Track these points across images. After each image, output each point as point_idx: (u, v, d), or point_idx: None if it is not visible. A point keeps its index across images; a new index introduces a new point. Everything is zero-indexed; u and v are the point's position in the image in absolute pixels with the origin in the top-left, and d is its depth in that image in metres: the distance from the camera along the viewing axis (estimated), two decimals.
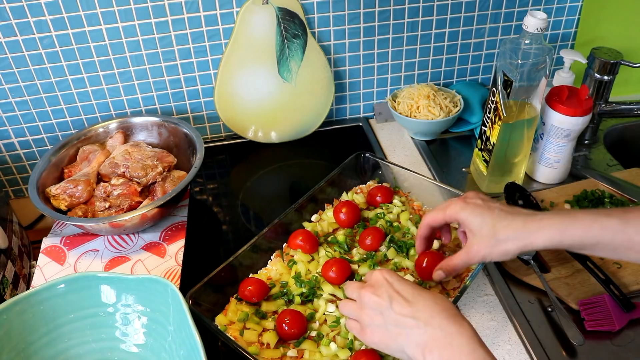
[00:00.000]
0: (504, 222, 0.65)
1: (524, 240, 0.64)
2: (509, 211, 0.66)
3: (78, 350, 0.72)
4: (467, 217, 0.68)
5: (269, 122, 1.14)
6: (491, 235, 0.65)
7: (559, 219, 0.63)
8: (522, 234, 0.64)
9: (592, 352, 0.73)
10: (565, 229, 0.62)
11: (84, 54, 1.02)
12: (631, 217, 0.60)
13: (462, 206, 0.68)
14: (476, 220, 0.67)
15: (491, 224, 0.65)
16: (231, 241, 0.96)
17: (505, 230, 0.65)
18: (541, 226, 0.63)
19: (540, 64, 0.85)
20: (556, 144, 0.96)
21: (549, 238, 0.62)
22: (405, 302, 0.59)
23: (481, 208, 0.67)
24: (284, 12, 1.04)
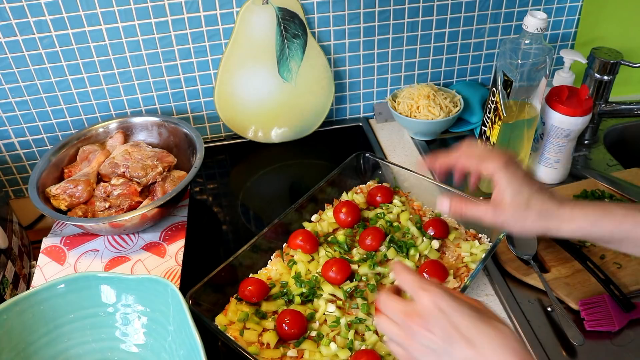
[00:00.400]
0: (540, 199, 0.63)
1: (552, 224, 0.62)
2: (546, 191, 0.64)
3: (78, 350, 0.72)
4: (506, 178, 0.64)
5: (269, 122, 1.14)
6: (523, 207, 0.63)
7: (592, 210, 0.61)
8: (554, 217, 0.62)
9: (592, 352, 0.73)
10: (597, 220, 0.61)
11: (84, 54, 1.02)
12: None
13: (505, 165, 0.64)
14: (514, 186, 0.63)
15: (527, 196, 0.63)
16: (231, 241, 0.96)
17: (537, 207, 0.62)
18: (574, 214, 0.61)
19: (540, 64, 0.85)
20: (556, 144, 0.96)
21: (579, 227, 0.61)
22: (467, 344, 0.48)
23: (522, 177, 0.64)
24: (284, 12, 1.04)
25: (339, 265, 0.79)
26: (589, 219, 0.61)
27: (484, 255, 0.80)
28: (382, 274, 0.81)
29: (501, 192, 0.64)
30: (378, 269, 0.81)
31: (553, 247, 0.86)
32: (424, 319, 0.50)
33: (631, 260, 0.83)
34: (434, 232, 0.85)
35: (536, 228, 0.63)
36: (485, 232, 0.87)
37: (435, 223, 0.86)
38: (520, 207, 0.63)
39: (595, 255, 0.84)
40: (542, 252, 0.85)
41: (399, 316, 0.52)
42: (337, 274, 0.78)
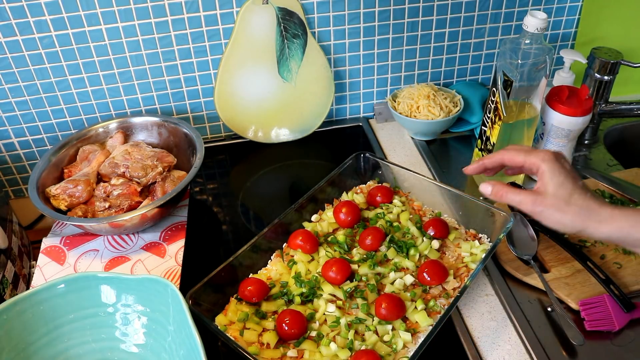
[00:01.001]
0: (582, 196, 0.63)
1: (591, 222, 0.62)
2: (590, 191, 0.64)
3: (78, 350, 0.72)
4: (550, 169, 0.64)
5: (269, 122, 1.14)
6: (564, 201, 0.63)
7: (631, 213, 0.61)
8: (593, 216, 0.62)
9: (592, 352, 0.73)
10: (636, 224, 0.61)
11: (83, 54, 1.02)
12: None
13: (550, 157, 0.65)
14: (559, 178, 0.64)
15: (570, 190, 0.63)
16: (231, 241, 0.96)
17: (579, 204, 0.63)
18: (614, 215, 0.61)
19: (540, 64, 0.85)
20: (556, 144, 0.96)
21: (618, 228, 0.61)
22: None
23: (567, 171, 0.65)
24: (284, 12, 1.04)
25: (339, 265, 0.79)
26: (630, 221, 0.61)
27: (484, 255, 0.80)
28: (382, 274, 0.80)
29: (545, 183, 0.65)
30: (378, 269, 0.81)
31: (553, 247, 0.86)
32: None
33: (631, 260, 0.83)
34: (434, 232, 0.85)
35: (574, 224, 0.63)
36: (485, 232, 0.87)
37: (435, 223, 0.86)
38: (562, 200, 0.63)
39: (595, 255, 0.84)
40: (542, 252, 0.85)
41: None
42: (337, 274, 0.78)
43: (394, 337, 0.72)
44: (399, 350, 0.71)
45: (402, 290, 0.78)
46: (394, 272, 0.80)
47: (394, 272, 0.80)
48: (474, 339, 0.77)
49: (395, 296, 0.75)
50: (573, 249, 0.84)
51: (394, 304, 0.74)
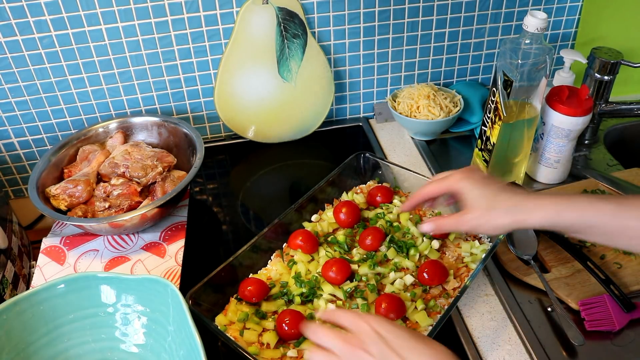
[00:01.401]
0: (504, 196, 0.65)
1: (520, 216, 0.64)
2: (509, 188, 0.67)
3: (78, 350, 0.72)
4: (466, 187, 0.67)
5: (269, 122, 1.14)
6: (489, 207, 0.65)
7: (557, 200, 0.63)
8: (519, 210, 0.64)
9: (592, 352, 0.73)
10: (562, 210, 0.62)
11: (83, 54, 1.02)
12: (626, 203, 0.61)
13: (463, 177, 0.68)
14: (475, 191, 0.67)
15: (491, 196, 0.66)
16: (231, 241, 0.96)
17: (503, 203, 0.65)
18: (538, 204, 0.63)
19: (540, 64, 0.85)
20: (556, 144, 0.96)
21: (545, 217, 0.63)
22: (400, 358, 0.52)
23: (481, 182, 0.67)
24: (284, 12, 1.04)
25: (339, 265, 0.79)
26: (555, 209, 0.63)
27: (484, 255, 0.80)
28: (382, 274, 0.80)
29: (465, 200, 0.68)
30: (378, 269, 0.81)
31: (553, 247, 0.86)
32: (361, 341, 0.54)
33: (631, 260, 0.83)
34: None
35: (506, 223, 0.65)
36: None
37: None
38: (486, 208, 0.66)
39: (595, 255, 0.84)
40: (542, 252, 0.85)
41: (337, 342, 0.55)
42: (337, 274, 0.78)
43: None
44: None
45: (402, 290, 0.78)
46: (394, 272, 0.80)
47: (394, 272, 0.80)
48: (474, 339, 0.77)
49: (395, 296, 0.75)
50: (573, 249, 0.84)
51: (394, 304, 0.74)
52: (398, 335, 0.54)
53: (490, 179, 0.68)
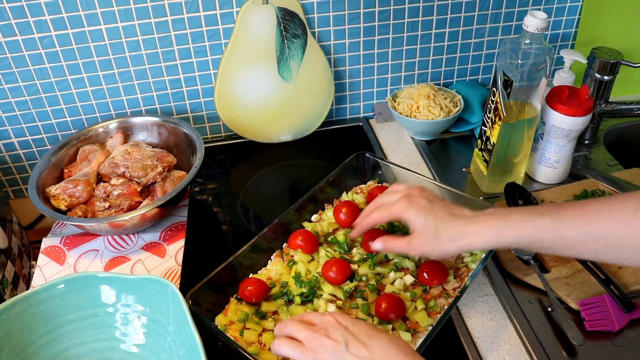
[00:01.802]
0: (446, 225, 0.68)
1: (464, 242, 0.67)
2: (452, 213, 0.69)
3: (78, 350, 0.72)
4: (411, 216, 0.70)
5: (269, 122, 1.14)
6: (433, 236, 0.68)
7: (496, 221, 0.65)
8: (462, 237, 0.67)
9: (592, 352, 0.73)
10: (502, 231, 0.65)
11: (83, 54, 1.02)
12: (562, 215, 0.62)
13: (407, 206, 0.70)
14: (420, 220, 0.69)
15: (434, 225, 0.68)
16: (231, 241, 0.96)
17: (447, 232, 0.67)
18: (479, 229, 0.66)
19: (540, 64, 0.85)
20: (556, 144, 0.96)
21: (488, 240, 0.65)
22: (362, 344, 0.58)
23: (425, 209, 0.69)
24: (284, 12, 1.04)
25: (339, 265, 0.79)
26: (494, 231, 0.65)
27: (484, 255, 0.80)
28: (382, 274, 0.80)
29: (412, 228, 0.70)
30: (378, 269, 0.81)
31: None
32: (325, 329, 0.59)
33: None
34: None
35: (453, 250, 0.68)
36: None
37: None
38: (431, 237, 0.68)
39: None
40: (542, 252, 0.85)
41: (303, 333, 0.60)
42: (337, 275, 0.78)
43: None
44: None
45: (402, 290, 0.78)
46: (394, 272, 0.80)
47: (394, 272, 0.80)
48: (474, 339, 0.77)
49: (395, 296, 0.75)
50: None
51: (394, 304, 0.74)
52: (358, 324, 0.60)
53: (434, 203, 0.70)
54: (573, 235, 0.61)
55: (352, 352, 0.57)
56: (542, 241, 0.63)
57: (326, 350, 0.58)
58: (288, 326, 0.62)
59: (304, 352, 0.59)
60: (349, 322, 0.60)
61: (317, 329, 0.60)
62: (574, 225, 0.61)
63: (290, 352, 0.60)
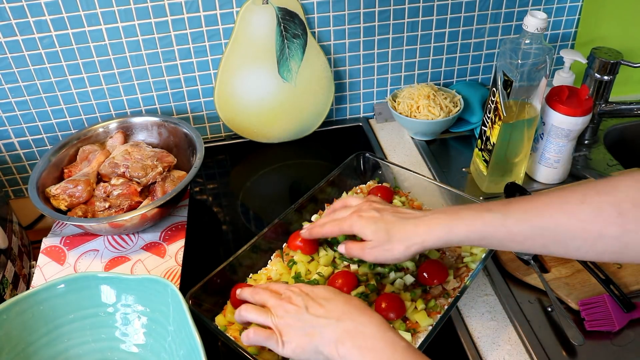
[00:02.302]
0: (397, 227, 0.68)
1: (416, 241, 0.67)
2: (401, 216, 0.69)
3: (78, 350, 0.72)
4: (361, 228, 0.70)
5: (269, 122, 1.14)
6: (385, 240, 0.68)
7: (446, 219, 0.66)
8: (414, 237, 0.67)
9: (592, 352, 0.73)
10: (452, 228, 0.65)
11: (83, 54, 1.02)
12: (511, 210, 0.62)
13: (356, 219, 0.71)
14: (370, 229, 0.69)
15: (385, 229, 0.68)
16: (231, 241, 0.96)
17: (398, 235, 0.68)
18: (430, 228, 0.66)
19: (540, 64, 0.85)
20: (556, 144, 0.96)
21: (438, 238, 0.66)
22: (319, 305, 0.63)
23: (374, 218, 0.70)
24: (284, 12, 1.04)
25: (345, 278, 0.78)
26: (444, 228, 0.65)
27: (484, 255, 0.80)
28: (382, 274, 0.80)
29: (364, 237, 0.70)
30: (378, 269, 0.81)
31: None
32: (289, 297, 0.65)
33: None
34: None
35: (404, 252, 0.67)
36: None
37: None
38: (383, 242, 0.68)
39: None
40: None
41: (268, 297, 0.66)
42: (344, 287, 0.77)
43: None
44: None
45: (402, 290, 0.78)
46: (394, 272, 0.80)
47: (394, 272, 0.80)
48: (474, 339, 0.77)
49: (395, 296, 0.75)
50: None
51: (394, 304, 0.73)
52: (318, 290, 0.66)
53: (382, 211, 0.71)
54: (521, 229, 0.61)
55: (310, 312, 0.62)
56: (491, 237, 0.63)
57: (289, 314, 0.63)
58: (259, 294, 0.68)
59: (269, 317, 0.64)
60: (310, 289, 0.66)
61: (282, 297, 0.66)
62: (522, 220, 0.61)
63: (257, 318, 0.66)
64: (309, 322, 0.61)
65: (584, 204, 0.57)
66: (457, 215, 0.65)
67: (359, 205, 0.74)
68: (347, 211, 0.74)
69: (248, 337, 0.65)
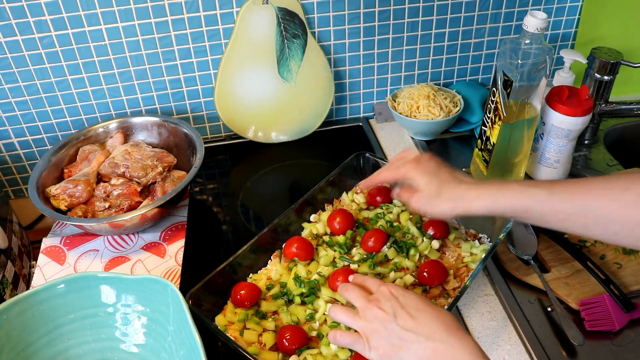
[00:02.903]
0: (449, 186, 0.72)
1: (461, 205, 0.70)
2: (455, 178, 0.73)
3: (78, 350, 0.72)
4: (417, 175, 0.74)
5: (269, 122, 1.14)
6: (435, 195, 0.72)
7: (494, 189, 0.69)
8: (461, 200, 0.70)
9: (592, 352, 0.73)
10: (498, 198, 0.67)
11: (83, 54, 1.02)
12: (556, 188, 0.65)
13: (414, 166, 0.75)
14: (424, 179, 0.73)
15: (437, 184, 0.72)
16: (231, 241, 0.96)
17: (447, 193, 0.71)
18: (478, 194, 0.69)
19: (540, 64, 0.85)
20: (556, 144, 0.96)
21: (484, 205, 0.68)
22: (409, 316, 0.61)
23: (430, 171, 0.74)
24: (284, 12, 1.04)
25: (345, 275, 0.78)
26: (492, 197, 0.68)
27: (484, 255, 0.80)
28: (382, 274, 0.80)
29: (417, 185, 0.74)
30: (378, 269, 0.81)
31: (553, 247, 0.86)
32: (378, 300, 0.64)
33: (631, 260, 0.83)
34: (434, 231, 0.85)
35: (448, 211, 0.71)
36: (485, 232, 0.87)
37: (435, 223, 0.86)
38: (432, 195, 0.72)
39: (595, 255, 0.84)
40: (542, 252, 0.85)
41: (359, 301, 0.65)
42: None
43: None
44: None
45: None
46: (394, 272, 0.80)
47: (394, 272, 0.80)
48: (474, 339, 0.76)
49: None
50: (573, 249, 0.84)
51: None
52: (409, 297, 0.63)
53: (440, 169, 0.74)
54: (565, 207, 0.63)
55: (399, 322, 0.61)
56: (534, 211, 0.65)
57: (377, 319, 0.62)
58: (348, 290, 0.68)
59: (357, 320, 0.64)
60: (401, 294, 0.64)
61: (371, 298, 0.65)
62: (566, 199, 0.63)
63: (345, 319, 0.65)
64: (396, 333, 0.60)
65: (628, 190, 0.60)
66: (504, 187, 0.68)
67: (418, 156, 0.77)
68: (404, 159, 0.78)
69: (335, 338, 0.66)
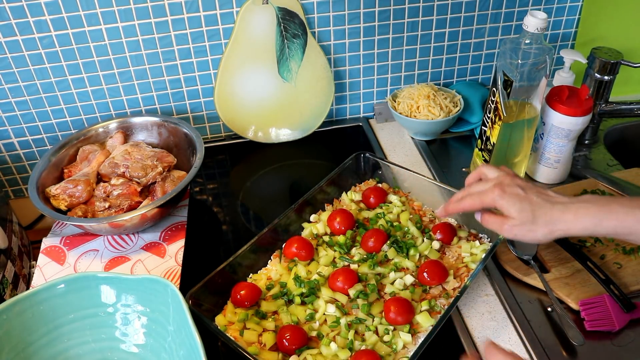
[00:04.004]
0: (543, 210, 0.68)
1: (560, 227, 0.67)
2: (546, 198, 0.69)
3: (78, 350, 0.72)
4: (504, 205, 0.69)
5: (269, 122, 1.14)
6: (529, 221, 0.68)
7: (595, 210, 0.66)
8: (559, 223, 0.67)
9: (592, 352, 0.73)
10: (601, 220, 0.65)
11: (83, 54, 1.02)
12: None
13: (500, 195, 0.70)
14: (515, 207, 0.69)
15: (530, 210, 0.68)
16: (231, 241, 0.96)
17: (543, 217, 0.68)
18: (578, 216, 0.66)
19: (540, 64, 0.85)
20: (556, 144, 0.96)
21: (584, 228, 0.66)
22: None
23: (519, 196, 0.69)
24: (284, 12, 1.04)
25: (345, 275, 0.78)
26: (593, 220, 0.65)
27: (484, 255, 0.80)
28: (382, 274, 0.80)
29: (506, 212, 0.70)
30: (378, 269, 0.81)
31: (553, 247, 0.86)
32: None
33: (631, 260, 0.83)
34: (441, 235, 0.85)
35: (545, 236, 0.68)
36: (485, 233, 0.87)
37: (443, 228, 0.85)
38: (528, 222, 0.68)
39: (595, 255, 0.84)
40: (542, 252, 0.85)
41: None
42: (344, 284, 0.77)
43: (394, 338, 0.72)
44: (399, 350, 0.71)
45: (402, 290, 0.78)
46: (394, 272, 0.80)
47: (394, 272, 0.80)
48: (474, 339, 0.77)
49: (404, 299, 0.75)
50: (573, 249, 0.84)
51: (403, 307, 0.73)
52: None
53: (527, 190, 0.70)
54: None
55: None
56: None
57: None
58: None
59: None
60: None
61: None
62: None
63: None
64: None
65: None
66: (608, 208, 0.65)
67: (499, 177, 0.73)
68: (484, 184, 0.73)
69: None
